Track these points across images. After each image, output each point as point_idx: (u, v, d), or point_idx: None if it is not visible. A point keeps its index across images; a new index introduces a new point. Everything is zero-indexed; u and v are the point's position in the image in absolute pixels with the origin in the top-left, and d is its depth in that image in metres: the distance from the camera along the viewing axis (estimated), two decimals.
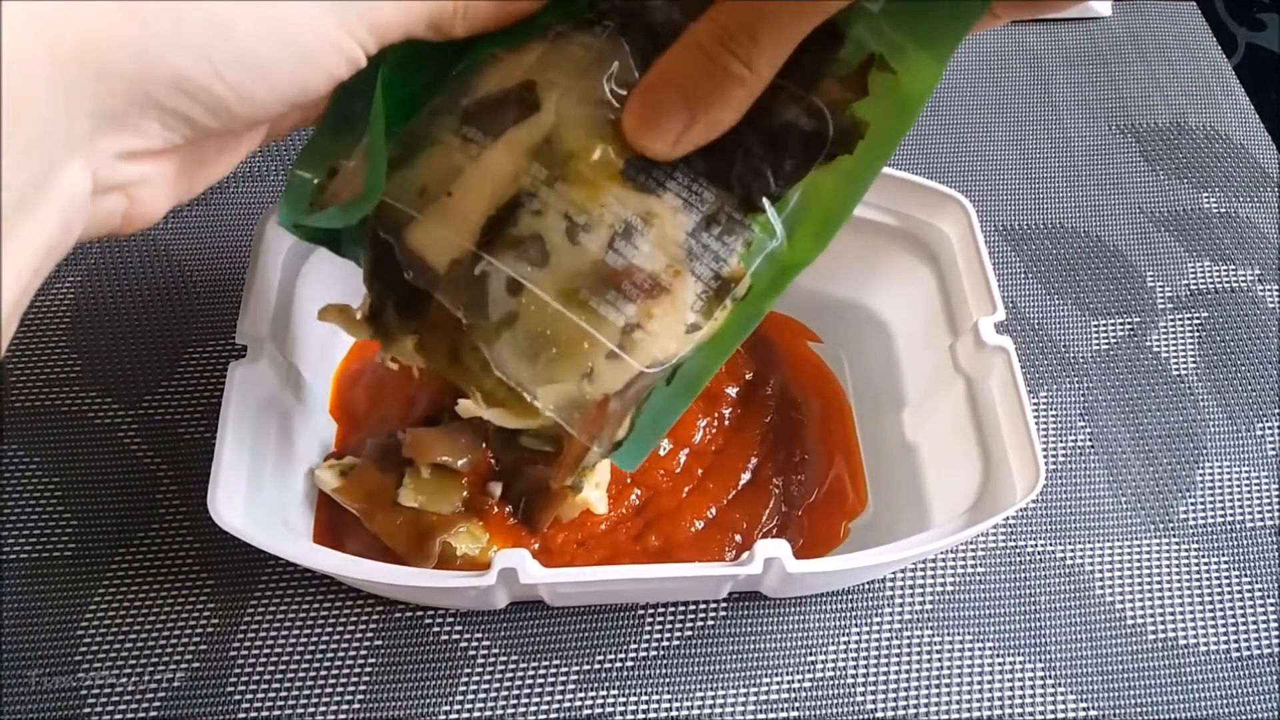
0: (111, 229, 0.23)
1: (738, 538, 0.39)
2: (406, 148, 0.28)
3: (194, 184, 0.24)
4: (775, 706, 0.37)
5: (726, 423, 0.42)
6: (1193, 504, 0.43)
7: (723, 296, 0.28)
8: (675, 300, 0.27)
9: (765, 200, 0.27)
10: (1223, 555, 0.42)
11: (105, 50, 0.19)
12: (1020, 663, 0.39)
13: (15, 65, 0.18)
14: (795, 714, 0.37)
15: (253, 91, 0.21)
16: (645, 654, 0.38)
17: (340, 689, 0.37)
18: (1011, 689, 0.38)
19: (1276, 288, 0.50)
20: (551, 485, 0.36)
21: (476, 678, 0.38)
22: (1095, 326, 0.48)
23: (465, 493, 0.37)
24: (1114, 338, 0.48)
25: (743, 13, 0.24)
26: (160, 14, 0.19)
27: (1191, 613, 0.40)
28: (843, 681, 0.38)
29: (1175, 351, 0.47)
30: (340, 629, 0.38)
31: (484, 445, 0.38)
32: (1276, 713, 0.38)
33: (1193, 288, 0.50)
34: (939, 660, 0.39)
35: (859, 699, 0.38)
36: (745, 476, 0.41)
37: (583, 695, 0.37)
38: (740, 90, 0.25)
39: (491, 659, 0.38)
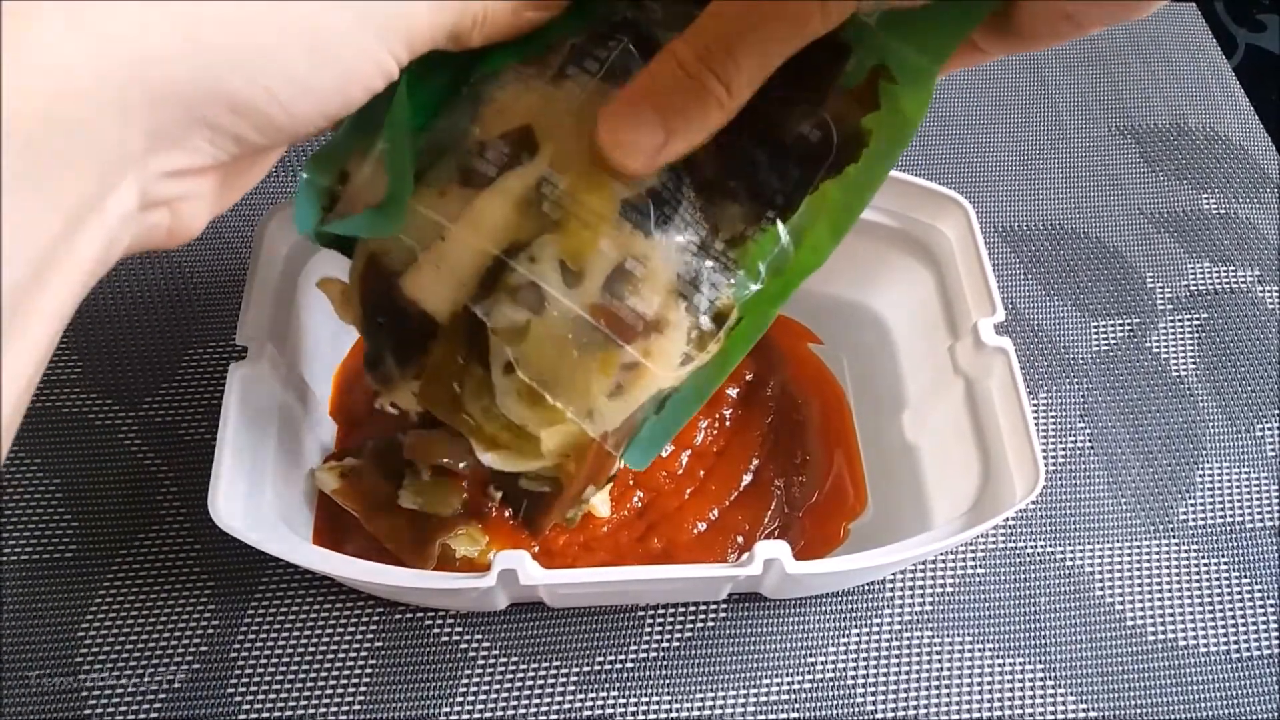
0: (155, 243, 0.23)
1: (740, 539, 0.39)
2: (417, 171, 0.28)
3: (231, 195, 0.25)
4: (775, 707, 0.37)
5: (728, 424, 0.42)
6: (1192, 505, 0.43)
7: (718, 327, 0.28)
8: (670, 337, 0.28)
9: (772, 212, 0.28)
10: (1222, 556, 0.42)
11: (162, 74, 0.19)
12: (1020, 664, 0.39)
13: (76, 88, 0.18)
14: (795, 715, 0.37)
15: (299, 108, 0.22)
16: (645, 655, 0.38)
17: (340, 690, 0.37)
18: (1012, 690, 0.38)
19: (1276, 289, 0.50)
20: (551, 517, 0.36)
21: (477, 679, 0.38)
22: (1095, 327, 0.48)
23: (465, 495, 0.37)
24: (1114, 339, 0.48)
25: (725, 30, 0.24)
26: (214, 36, 0.20)
27: (1191, 614, 0.40)
28: (843, 682, 0.38)
29: (1175, 352, 0.47)
30: (340, 630, 0.38)
31: None
32: (1276, 714, 0.38)
33: (1192, 289, 0.50)
34: (939, 661, 0.39)
35: (859, 700, 0.38)
36: (747, 478, 0.41)
37: (583, 696, 0.37)
38: (718, 110, 0.25)
39: (492, 660, 0.38)
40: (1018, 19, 0.25)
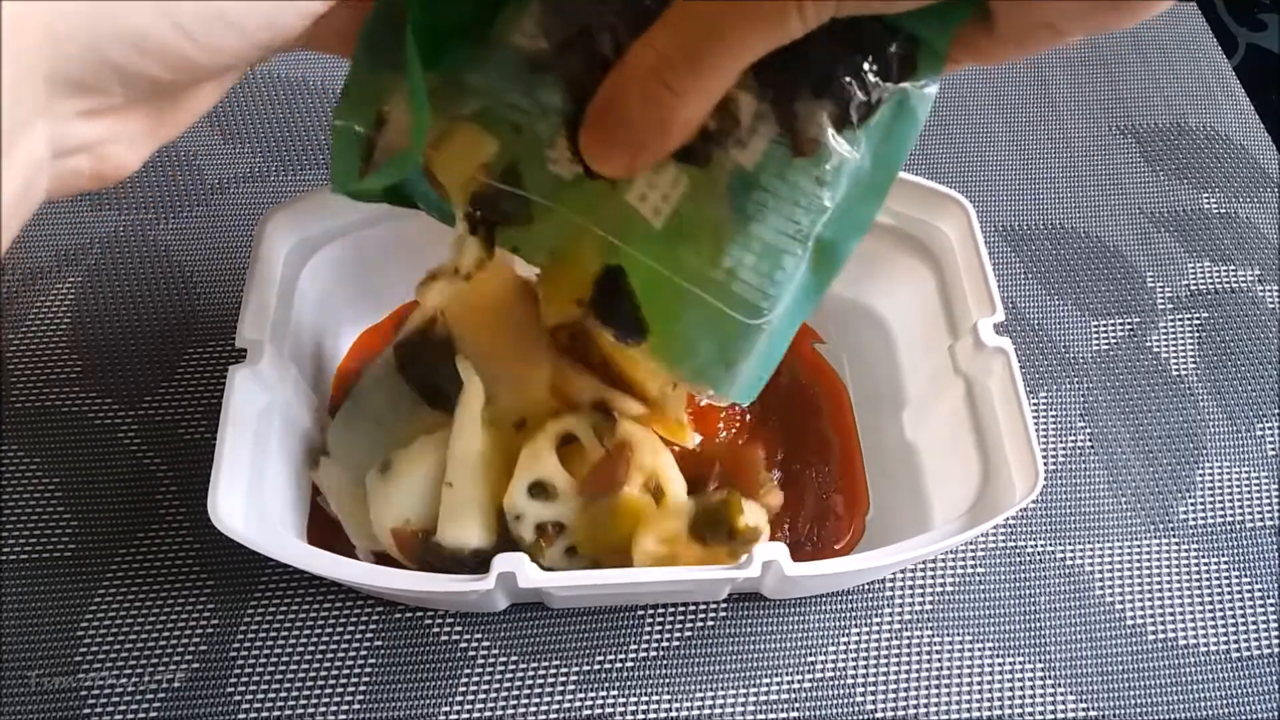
0: (79, 188, 0.21)
1: (785, 530, 0.40)
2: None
3: (166, 132, 0.23)
4: (775, 707, 0.37)
5: (747, 416, 0.42)
6: (1193, 504, 0.43)
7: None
8: (643, 446, 0.33)
9: (855, 114, 0.25)
10: (1223, 555, 0.42)
11: (59, 15, 0.18)
12: (1020, 663, 0.39)
13: None
14: (795, 714, 0.37)
15: (219, 42, 0.20)
16: (645, 655, 0.38)
17: (340, 690, 0.37)
18: (1011, 689, 0.38)
19: (1276, 288, 0.50)
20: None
21: (476, 678, 0.38)
22: (1095, 327, 0.48)
23: None
24: (1114, 338, 0.48)
25: (688, 38, 0.22)
26: None
27: (1191, 613, 0.40)
28: (843, 682, 0.38)
29: (1175, 352, 0.47)
30: (340, 630, 0.38)
31: None
32: (1276, 713, 0.38)
33: (1193, 288, 0.50)
34: (939, 660, 0.39)
35: (859, 699, 0.38)
36: (777, 471, 0.41)
37: (583, 696, 0.37)
38: (680, 125, 0.24)
39: (491, 660, 0.38)
40: (997, 27, 0.24)
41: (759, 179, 0.26)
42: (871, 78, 0.25)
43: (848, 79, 0.25)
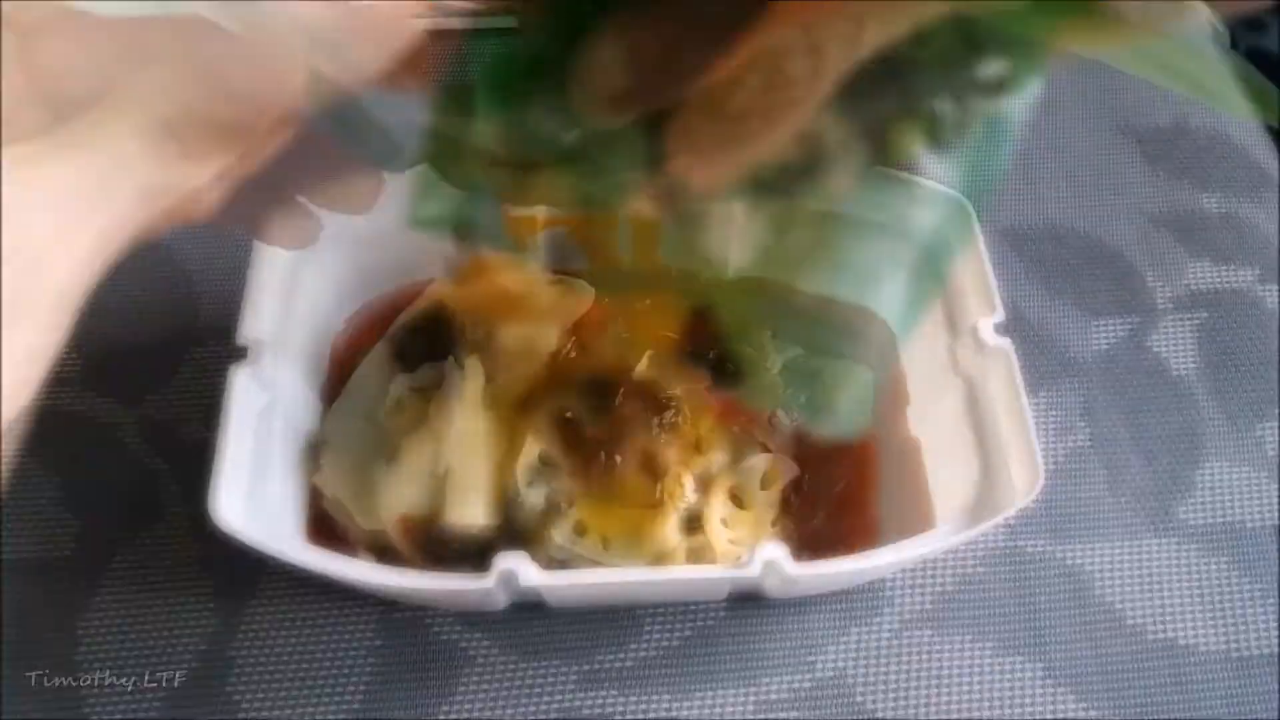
0: (166, 228, 0.23)
1: (797, 528, 0.40)
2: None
3: (250, 164, 0.24)
4: (775, 707, 0.37)
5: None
6: (1193, 505, 0.43)
7: None
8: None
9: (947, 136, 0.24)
10: (1223, 556, 0.42)
11: (149, 67, 0.19)
12: (1020, 663, 0.39)
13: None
14: (795, 714, 0.37)
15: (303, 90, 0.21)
16: (645, 655, 0.38)
17: (340, 690, 0.37)
18: (1011, 690, 0.38)
19: (1277, 288, 0.50)
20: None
21: (476, 678, 0.38)
22: (1095, 327, 0.48)
23: None
24: (1114, 338, 0.48)
25: (799, 28, 0.21)
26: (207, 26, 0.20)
27: (1191, 613, 0.40)
28: (843, 682, 0.38)
29: (1175, 352, 0.47)
30: (340, 630, 0.38)
31: None
32: (1277, 714, 0.38)
33: (1193, 288, 0.49)
34: (939, 661, 0.39)
35: (859, 700, 0.38)
36: (789, 470, 0.41)
37: (583, 696, 0.37)
38: (788, 119, 0.22)
39: (491, 659, 0.38)
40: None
41: (850, 205, 0.25)
42: (964, 93, 0.24)
43: (938, 96, 0.24)
